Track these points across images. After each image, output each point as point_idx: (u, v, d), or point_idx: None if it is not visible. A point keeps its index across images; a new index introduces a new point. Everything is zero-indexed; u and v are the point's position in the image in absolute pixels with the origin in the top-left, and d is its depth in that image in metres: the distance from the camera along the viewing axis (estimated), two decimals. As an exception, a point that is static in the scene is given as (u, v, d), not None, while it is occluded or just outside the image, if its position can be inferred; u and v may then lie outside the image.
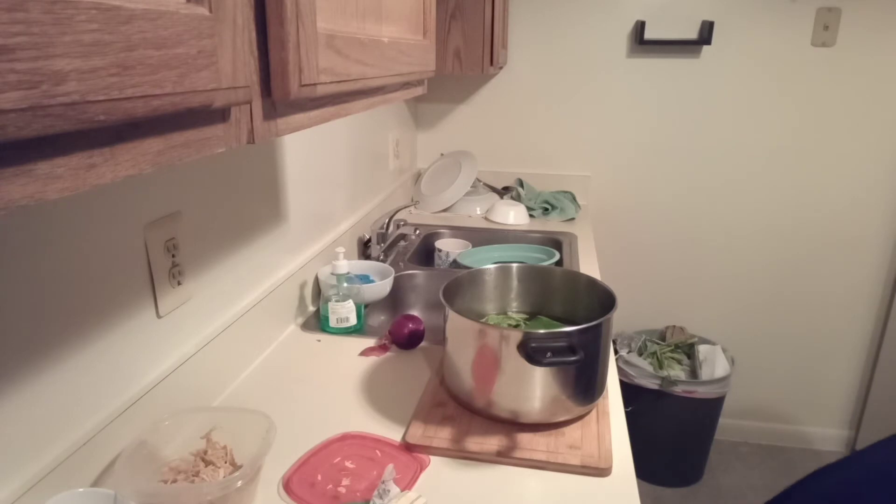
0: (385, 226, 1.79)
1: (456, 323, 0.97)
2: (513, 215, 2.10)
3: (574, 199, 2.27)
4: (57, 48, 0.25)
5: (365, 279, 1.45)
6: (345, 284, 1.28)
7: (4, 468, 0.65)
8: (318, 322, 1.33)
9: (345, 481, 0.83)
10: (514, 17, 2.25)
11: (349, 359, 1.19)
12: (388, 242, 1.79)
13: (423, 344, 1.23)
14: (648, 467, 2.24)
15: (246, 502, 0.77)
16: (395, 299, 1.58)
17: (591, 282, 1.08)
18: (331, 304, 1.27)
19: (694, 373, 2.21)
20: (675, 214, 2.36)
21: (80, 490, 0.69)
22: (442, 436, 0.92)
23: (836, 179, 2.22)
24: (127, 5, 0.29)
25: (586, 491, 0.84)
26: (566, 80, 2.27)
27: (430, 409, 0.99)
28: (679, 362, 2.26)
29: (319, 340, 1.27)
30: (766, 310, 2.37)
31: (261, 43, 0.46)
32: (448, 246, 1.89)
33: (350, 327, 1.29)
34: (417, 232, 1.95)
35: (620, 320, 2.49)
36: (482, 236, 1.99)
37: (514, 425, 0.94)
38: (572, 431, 0.94)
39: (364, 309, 1.33)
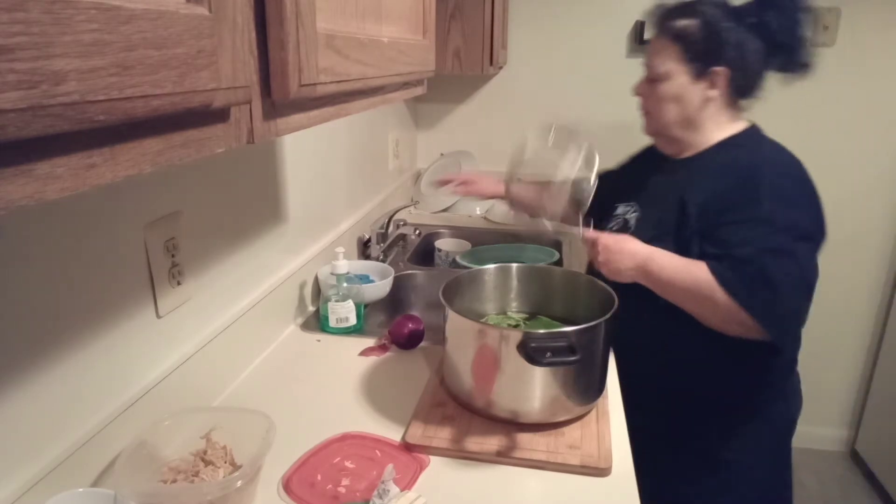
0: (385, 226, 1.79)
1: (456, 323, 0.97)
2: (513, 215, 2.10)
3: (574, 199, 2.27)
4: (57, 48, 0.25)
5: (365, 279, 1.45)
6: (344, 284, 1.28)
7: (4, 468, 0.65)
8: (317, 322, 1.33)
9: (345, 481, 0.83)
10: (514, 17, 2.25)
11: (349, 359, 1.19)
12: (387, 242, 1.79)
13: (423, 344, 1.23)
14: (648, 467, 2.24)
15: (246, 502, 0.77)
16: (395, 299, 1.58)
17: (591, 282, 1.08)
18: (330, 304, 1.27)
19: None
20: (674, 214, 2.35)
21: (80, 490, 0.69)
22: (442, 436, 0.92)
23: (836, 179, 2.22)
24: (127, 5, 0.29)
25: (586, 491, 0.84)
26: (566, 80, 2.27)
27: (429, 409, 0.99)
28: (679, 362, 2.26)
29: (319, 340, 1.27)
30: (766, 310, 2.36)
31: (260, 43, 0.46)
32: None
33: (350, 327, 1.28)
34: (417, 232, 1.94)
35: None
36: (482, 236, 1.99)
37: (513, 425, 0.94)
38: (572, 431, 0.94)
39: (364, 309, 1.33)
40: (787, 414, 1.24)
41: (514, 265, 1.17)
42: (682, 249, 1.10)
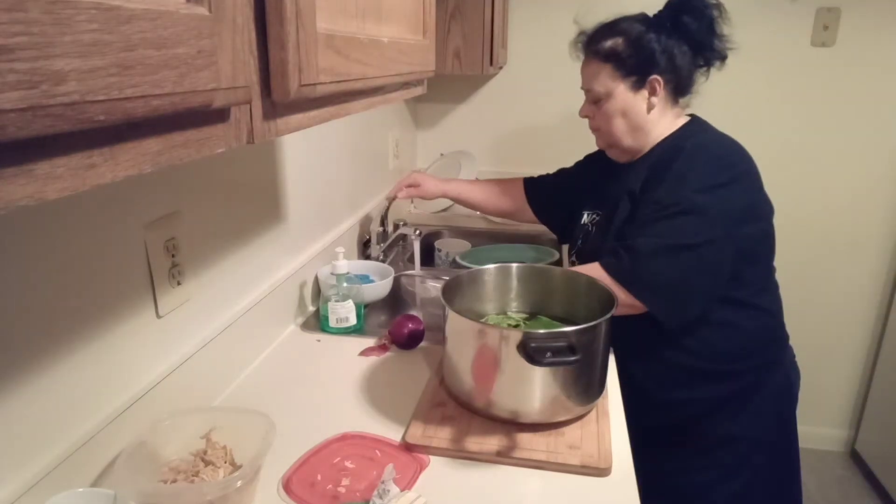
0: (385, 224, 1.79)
1: (456, 323, 0.97)
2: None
3: (574, 199, 2.27)
4: (57, 48, 0.25)
5: (365, 279, 1.45)
6: (344, 284, 1.28)
7: (4, 468, 0.65)
8: (317, 322, 1.33)
9: (344, 481, 0.83)
10: (514, 17, 2.25)
11: (349, 359, 1.19)
12: (388, 242, 1.79)
13: (422, 344, 1.23)
14: (648, 467, 2.24)
15: (246, 502, 0.77)
16: (395, 299, 1.58)
17: (591, 282, 1.08)
18: (330, 304, 1.27)
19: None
20: (674, 214, 2.35)
21: (80, 490, 0.69)
22: (442, 436, 0.92)
23: (836, 179, 2.22)
24: (127, 5, 0.29)
25: (586, 491, 0.84)
26: (566, 80, 2.26)
27: (429, 409, 0.99)
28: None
29: (319, 340, 1.26)
30: (766, 310, 2.36)
31: (260, 43, 0.46)
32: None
33: (350, 327, 1.28)
34: (417, 232, 1.94)
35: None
36: (482, 236, 1.98)
37: (513, 425, 0.94)
38: (572, 431, 0.94)
39: (364, 309, 1.33)
40: (788, 383, 1.28)
41: (514, 265, 1.17)
42: None
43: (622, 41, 1.19)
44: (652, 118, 1.21)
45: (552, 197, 1.54)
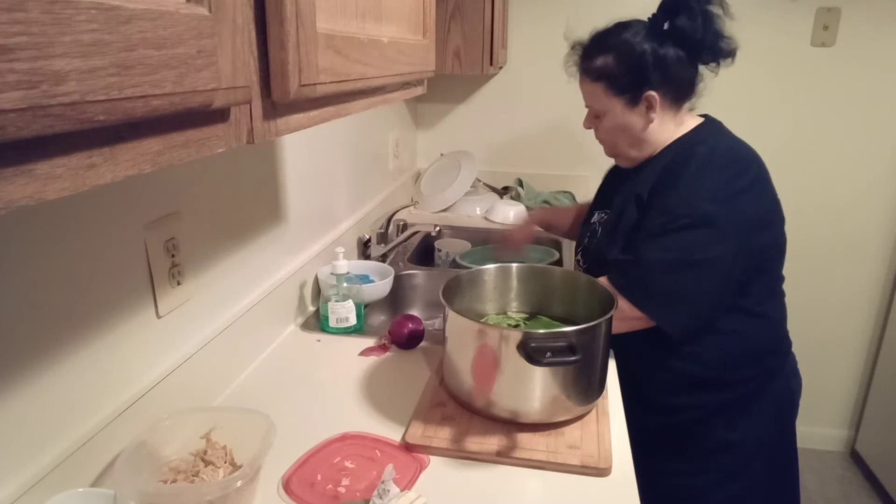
0: (385, 225, 1.79)
1: (456, 323, 0.97)
2: (513, 215, 2.10)
3: (574, 198, 2.27)
4: (57, 48, 0.25)
5: (365, 279, 1.45)
6: (344, 284, 1.28)
7: (4, 468, 0.65)
8: (317, 322, 1.33)
9: (344, 481, 0.83)
10: (514, 17, 2.25)
11: (349, 359, 1.19)
12: (388, 243, 1.79)
13: (422, 344, 1.23)
14: (648, 467, 2.24)
15: (246, 502, 0.77)
16: (395, 299, 1.58)
17: (591, 282, 1.08)
18: (330, 304, 1.27)
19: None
20: (674, 214, 2.35)
21: (80, 490, 0.69)
22: (441, 436, 0.92)
23: (836, 179, 2.22)
24: (127, 5, 0.29)
25: (586, 491, 0.84)
26: (566, 80, 2.26)
27: (429, 409, 0.99)
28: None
29: (319, 340, 1.26)
30: (766, 310, 2.36)
31: (260, 43, 0.46)
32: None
33: (350, 327, 1.28)
34: (417, 232, 1.94)
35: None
36: (482, 236, 1.98)
37: (513, 425, 0.94)
38: (572, 431, 0.94)
39: (364, 309, 1.33)
40: (788, 389, 1.27)
41: (514, 265, 1.17)
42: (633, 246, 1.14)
43: (612, 58, 1.15)
44: (653, 129, 1.18)
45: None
